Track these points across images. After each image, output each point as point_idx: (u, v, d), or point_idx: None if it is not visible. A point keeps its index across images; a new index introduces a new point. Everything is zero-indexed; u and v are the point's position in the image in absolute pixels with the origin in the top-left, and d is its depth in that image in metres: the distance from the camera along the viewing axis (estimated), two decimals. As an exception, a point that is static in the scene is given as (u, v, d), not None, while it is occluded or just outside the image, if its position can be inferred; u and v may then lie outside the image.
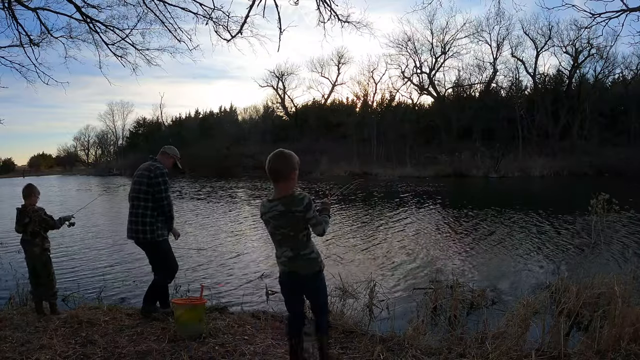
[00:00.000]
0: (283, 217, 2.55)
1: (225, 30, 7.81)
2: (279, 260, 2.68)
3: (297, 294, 2.73)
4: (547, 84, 41.31)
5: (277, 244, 2.66)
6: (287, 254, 2.61)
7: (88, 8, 8.09)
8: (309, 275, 2.62)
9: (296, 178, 2.62)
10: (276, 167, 2.55)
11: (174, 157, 4.37)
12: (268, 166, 2.57)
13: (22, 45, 8.34)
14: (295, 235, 2.57)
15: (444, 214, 14.11)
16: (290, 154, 2.59)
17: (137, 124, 64.97)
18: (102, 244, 10.04)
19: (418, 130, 41.49)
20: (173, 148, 4.44)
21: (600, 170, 31.12)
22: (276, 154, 2.58)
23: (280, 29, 7.48)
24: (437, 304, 5.10)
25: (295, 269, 2.61)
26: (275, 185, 2.59)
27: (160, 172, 4.08)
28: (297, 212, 2.52)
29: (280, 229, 2.59)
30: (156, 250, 4.08)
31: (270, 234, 2.68)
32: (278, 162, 2.56)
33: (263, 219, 2.68)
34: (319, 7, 7.37)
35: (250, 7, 7.19)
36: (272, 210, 2.59)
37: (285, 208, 2.54)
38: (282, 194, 2.57)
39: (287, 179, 2.56)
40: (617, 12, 7.19)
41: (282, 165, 2.56)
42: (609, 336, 3.32)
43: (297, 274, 2.62)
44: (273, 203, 2.59)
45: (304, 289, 2.70)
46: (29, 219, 4.09)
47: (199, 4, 7.66)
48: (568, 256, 7.96)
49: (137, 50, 8.65)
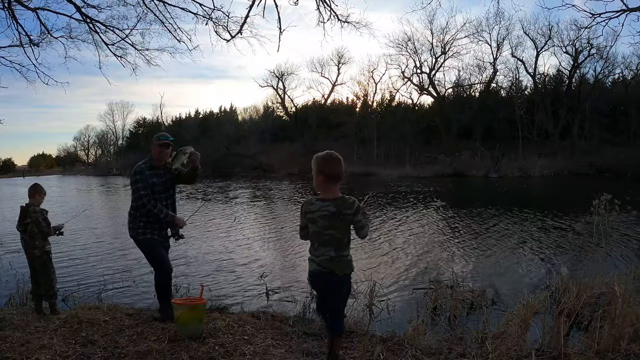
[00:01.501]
0: (334, 219, 2.63)
1: (225, 30, 7.80)
2: (317, 259, 2.72)
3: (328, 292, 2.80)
4: (547, 84, 41.31)
5: (320, 243, 2.70)
6: (329, 253, 2.68)
7: (88, 8, 8.08)
8: (344, 276, 2.74)
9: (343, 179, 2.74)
10: (338, 170, 2.66)
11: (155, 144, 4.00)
12: (328, 168, 2.65)
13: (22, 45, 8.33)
14: (341, 237, 2.68)
15: (443, 214, 14.11)
16: (341, 158, 2.71)
17: (137, 124, 65.07)
18: (102, 244, 10.05)
19: (418, 130, 41.46)
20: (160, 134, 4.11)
21: (600, 170, 31.12)
22: (335, 158, 2.68)
23: (280, 29, 7.48)
24: (437, 304, 5.10)
25: (333, 269, 2.69)
26: (329, 187, 2.67)
27: (136, 169, 3.92)
28: (347, 215, 2.63)
29: (328, 230, 2.66)
30: (140, 248, 4.00)
31: (315, 232, 2.70)
32: (339, 165, 2.67)
33: (308, 217, 2.71)
34: (318, 7, 7.36)
35: (250, 7, 7.19)
36: (323, 210, 2.65)
37: (336, 209, 2.63)
38: (334, 196, 2.66)
39: (340, 182, 2.69)
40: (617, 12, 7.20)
41: (341, 169, 2.67)
42: (609, 336, 3.32)
43: (334, 274, 2.70)
44: (325, 203, 2.66)
45: (336, 287, 2.76)
46: (30, 219, 4.09)
47: (198, 4, 7.65)
48: (568, 256, 7.96)
49: (137, 50, 8.63)
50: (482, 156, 35.76)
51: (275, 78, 49.57)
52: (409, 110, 45.53)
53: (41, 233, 4.10)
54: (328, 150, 2.73)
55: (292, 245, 9.61)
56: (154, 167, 3.98)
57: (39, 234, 4.09)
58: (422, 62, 43.33)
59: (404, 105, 46.91)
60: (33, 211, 4.10)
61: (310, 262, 2.77)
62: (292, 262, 7.96)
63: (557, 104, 38.03)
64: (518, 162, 34.71)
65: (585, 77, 38.82)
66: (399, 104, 47.16)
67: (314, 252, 2.75)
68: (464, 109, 40.07)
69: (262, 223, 13.37)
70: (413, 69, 43.62)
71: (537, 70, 40.09)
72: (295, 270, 7.33)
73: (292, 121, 51.08)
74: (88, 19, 8.15)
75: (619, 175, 28.44)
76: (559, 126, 37.89)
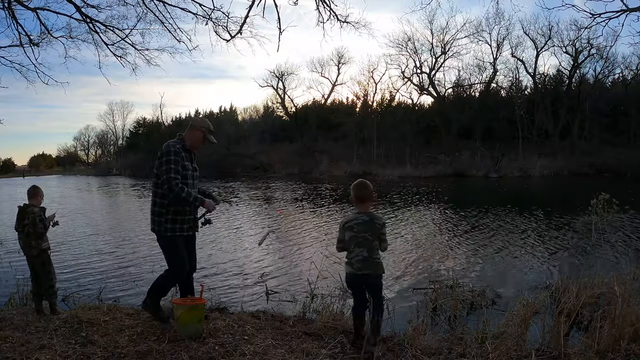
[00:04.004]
0: (367, 225, 3.30)
1: (225, 30, 7.80)
2: (353, 260, 3.29)
3: (362, 290, 3.39)
4: (547, 84, 41.30)
5: (356, 245, 3.29)
6: (363, 253, 3.27)
7: (88, 8, 8.08)
8: (376, 276, 3.34)
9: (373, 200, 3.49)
10: (366, 194, 3.40)
11: (202, 130, 3.71)
12: (357, 194, 3.39)
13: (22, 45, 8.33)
14: (372, 240, 3.29)
15: (443, 214, 14.12)
16: (369, 184, 3.45)
17: (137, 124, 65.00)
18: (102, 244, 10.05)
19: (418, 130, 41.44)
20: (201, 119, 3.83)
21: (600, 170, 31.12)
22: (363, 185, 3.42)
23: (280, 29, 7.47)
24: (437, 304, 5.10)
25: (367, 270, 3.27)
26: (361, 205, 3.38)
27: (166, 149, 3.52)
28: (377, 224, 3.33)
29: (362, 233, 3.29)
30: (160, 244, 3.70)
31: (352, 237, 3.30)
32: (366, 190, 3.40)
33: (347, 226, 3.34)
34: (318, 7, 7.36)
35: (250, 7, 7.19)
36: (359, 219, 3.34)
37: (369, 218, 3.34)
38: (367, 210, 3.38)
39: (370, 201, 3.42)
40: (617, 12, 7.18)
41: (367, 193, 3.42)
42: (609, 336, 3.32)
43: (368, 275, 3.29)
44: (360, 215, 3.36)
45: (369, 286, 3.34)
46: (28, 219, 4.08)
47: (198, 4, 7.65)
48: (568, 256, 7.96)
49: (137, 50, 8.63)
50: (482, 156, 35.76)
51: (275, 78, 49.59)
52: (409, 110, 45.51)
53: (36, 233, 4.09)
54: (360, 179, 3.49)
55: (293, 245, 9.61)
56: (188, 150, 3.65)
57: (33, 233, 4.09)
58: (422, 62, 43.40)
59: (404, 105, 46.93)
60: (31, 212, 4.10)
61: (347, 265, 3.35)
62: (292, 262, 7.96)
63: (557, 104, 38.03)
64: (518, 162, 34.71)
65: (585, 77, 38.85)
66: (399, 104, 47.18)
67: (349, 255, 3.33)
68: (464, 109, 40.06)
69: (262, 223, 13.37)
70: (413, 69, 43.69)
71: (537, 70, 40.16)
72: (296, 270, 7.33)
73: (292, 121, 51.06)
74: (88, 19, 8.15)
75: (619, 175, 28.44)
76: (559, 126, 37.89)
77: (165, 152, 3.51)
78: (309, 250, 8.88)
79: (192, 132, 3.70)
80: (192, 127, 3.72)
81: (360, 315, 3.40)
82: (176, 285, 3.96)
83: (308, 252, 8.73)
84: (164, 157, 3.51)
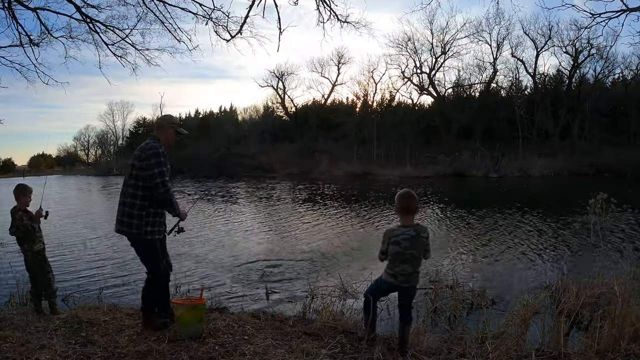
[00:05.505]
0: (414, 240, 3.24)
1: (225, 30, 7.81)
2: (397, 274, 3.27)
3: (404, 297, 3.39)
4: (547, 84, 41.29)
5: (401, 261, 3.26)
6: (408, 269, 3.26)
7: (88, 8, 8.08)
8: (414, 287, 3.38)
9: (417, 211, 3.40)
10: (412, 205, 3.33)
11: (172, 126, 3.71)
12: (403, 204, 3.30)
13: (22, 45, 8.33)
14: (418, 256, 3.29)
15: (443, 214, 14.12)
16: (415, 195, 3.38)
17: (137, 124, 64.92)
18: (102, 243, 10.04)
19: (418, 130, 41.45)
20: (168, 116, 3.80)
21: (600, 170, 31.11)
22: (409, 195, 3.33)
23: (280, 29, 7.47)
24: (437, 304, 5.10)
25: (409, 284, 3.32)
26: (407, 217, 3.31)
27: (154, 151, 3.45)
28: (423, 238, 3.28)
29: (410, 250, 3.24)
30: (139, 248, 3.61)
31: (398, 253, 3.25)
32: (413, 201, 3.33)
33: (393, 240, 3.27)
34: (318, 7, 7.36)
35: (250, 7, 7.18)
36: (405, 234, 3.25)
37: (416, 233, 3.25)
38: (412, 223, 3.30)
39: (415, 212, 3.34)
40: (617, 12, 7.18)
41: (414, 204, 3.34)
42: (609, 336, 3.32)
43: (409, 287, 3.33)
44: (407, 229, 3.27)
45: (406, 295, 3.37)
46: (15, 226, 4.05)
47: (198, 4, 7.66)
48: (568, 256, 7.96)
49: (137, 50, 8.63)
50: (482, 156, 35.75)
51: (275, 78, 49.59)
52: (409, 110, 45.51)
53: (26, 237, 4.05)
54: (405, 189, 3.42)
55: (293, 245, 9.61)
56: (165, 152, 3.59)
57: (24, 237, 4.07)
58: (422, 62, 43.38)
59: (404, 105, 46.94)
60: (19, 217, 4.05)
61: (389, 275, 3.33)
62: (292, 262, 7.95)
63: (557, 104, 38.02)
64: (518, 162, 34.70)
65: (585, 77, 38.84)
66: (399, 104, 47.19)
67: (393, 269, 3.30)
68: (464, 109, 40.05)
69: (262, 223, 13.37)
70: (413, 69, 43.67)
71: (537, 70, 40.14)
72: (295, 270, 7.33)
73: (292, 121, 51.06)
74: (88, 18, 8.16)
75: (619, 175, 28.43)
76: (559, 126, 37.89)
77: (154, 154, 3.45)
78: (309, 251, 8.87)
79: (163, 131, 3.69)
80: (161, 127, 3.71)
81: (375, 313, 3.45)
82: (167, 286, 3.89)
83: (308, 252, 8.72)
84: (153, 158, 3.44)
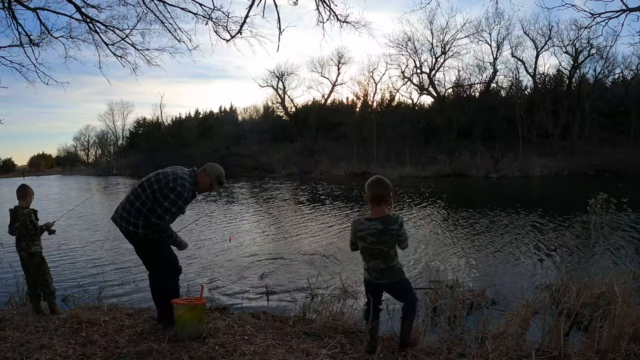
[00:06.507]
0: (381, 235, 2.98)
1: (225, 30, 7.81)
2: (370, 269, 3.11)
3: (381, 295, 3.22)
4: (547, 84, 41.26)
5: (370, 257, 3.07)
6: (379, 265, 3.06)
7: (88, 8, 8.09)
8: (395, 282, 3.13)
9: (391, 201, 3.08)
10: (380, 192, 2.99)
11: (215, 179, 3.66)
12: (371, 192, 2.99)
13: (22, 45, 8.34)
14: (388, 250, 3.03)
15: (443, 214, 14.11)
16: (387, 182, 3.05)
17: (137, 124, 64.89)
18: (102, 244, 10.04)
19: (418, 130, 41.43)
20: (218, 168, 3.74)
21: (600, 170, 31.10)
22: (378, 182, 3.02)
23: (280, 29, 7.48)
24: (437, 304, 5.10)
25: (385, 280, 3.10)
26: (375, 207, 3.01)
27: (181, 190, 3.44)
28: (392, 230, 2.98)
29: (377, 245, 3.01)
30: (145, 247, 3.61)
31: (364, 248, 3.06)
32: (381, 188, 3.00)
33: (358, 235, 3.06)
34: (318, 7, 7.37)
35: (250, 7, 7.19)
36: (371, 228, 3.00)
37: (383, 227, 2.97)
38: (380, 214, 3.00)
39: (386, 202, 3.02)
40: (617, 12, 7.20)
41: (384, 191, 3.00)
42: (609, 336, 3.32)
43: (387, 283, 3.12)
44: (372, 222, 3.00)
45: (392, 292, 3.21)
46: (19, 222, 4.06)
47: (198, 4, 7.66)
48: (568, 256, 7.96)
49: (137, 50, 8.64)
50: (482, 156, 35.73)
51: (275, 78, 49.50)
52: (409, 110, 45.50)
53: (28, 235, 4.06)
54: (376, 175, 3.12)
55: (293, 245, 9.61)
56: (194, 195, 3.65)
57: (25, 235, 4.07)
58: (422, 62, 43.34)
59: (404, 105, 46.93)
60: (22, 214, 4.06)
61: (365, 271, 3.19)
62: (292, 262, 7.96)
63: (557, 104, 38.00)
64: (518, 162, 34.67)
65: (585, 77, 38.81)
66: (399, 104, 47.18)
67: (365, 265, 3.15)
68: (464, 109, 40.04)
69: (262, 223, 13.37)
70: (413, 69, 43.64)
71: (537, 70, 40.09)
72: (296, 270, 7.33)
73: (292, 121, 51.03)
74: (88, 19, 8.16)
75: (619, 175, 28.41)
76: (559, 126, 37.87)
77: (179, 194, 3.45)
78: (309, 251, 8.87)
79: (206, 176, 3.67)
80: (206, 171, 3.69)
81: (377, 317, 3.22)
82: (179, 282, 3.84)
83: (308, 252, 8.72)
84: (175, 195, 3.44)
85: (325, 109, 50.05)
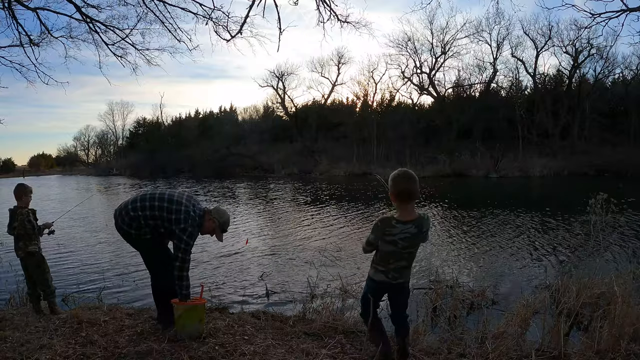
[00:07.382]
0: (415, 238, 2.73)
1: (225, 30, 7.81)
2: (389, 270, 2.80)
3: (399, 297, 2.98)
4: (547, 84, 41.27)
5: (396, 259, 2.77)
6: (402, 264, 2.79)
7: (88, 8, 8.08)
8: (406, 283, 2.93)
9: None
10: (413, 188, 2.61)
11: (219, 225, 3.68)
12: (402, 187, 2.61)
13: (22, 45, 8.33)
14: (415, 251, 2.83)
15: (443, 214, 14.11)
16: (415, 175, 2.66)
17: (137, 124, 64.89)
18: (102, 243, 10.04)
19: (418, 130, 41.43)
20: (225, 214, 3.77)
21: (600, 170, 31.10)
22: (409, 176, 2.63)
23: (280, 29, 7.47)
24: (437, 304, 5.10)
25: (401, 279, 2.84)
26: (406, 206, 2.65)
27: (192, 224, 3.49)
28: (425, 232, 2.75)
29: (408, 249, 2.74)
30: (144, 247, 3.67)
31: (393, 252, 2.75)
32: (414, 184, 2.61)
33: (388, 239, 2.71)
34: (318, 7, 7.36)
35: (250, 7, 7.18)
36: (405, 232, 2.68)
37: (417, 230, 2.70)
38: (414, 216, 2.68)
39: (417, 199, 2.68)
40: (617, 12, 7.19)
41: (414, 186, 2.62)
42: (609, 336, 3.32)
43: (401, 284, 2.86)
44: (407, 225, 2.66)
45: (399, 293, 2.93)
46: (17, 222, 4.06)
47: (199, 4, 7.65)
48: (568, 256, 7.96)
49: (137, 50, 8.63)
50: (482, 156, 35.74)
51: (275, 78, 49.49)
52: (409, 110, 45.51)
53: (26, 234, 4.06)
54: (402, 168, 2.72)
55: (293, 245, 9.61)
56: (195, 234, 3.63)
57: (24, 235, 4.07)
58: (422, 62, 43.32)
59: (404, 105, 46.93)
60: (20, 214, 4.06)
61: (378, 272, 2.84)
62: (292, 262, 7.96)
63: (557, 104, 38.01)
64: (518, 162, 34.67)
65: (585, 77, 38.82)
66: (399, 104, 47.18)
67: (384, 265, 2.81)
68: (464, 109, 40.04)
69: (262, 223, 13.37)
70: (413, 69, 43.62)
71: (537, 70, 40.09)
72: (295, 270, 7.33)
73: (292, 121, 51.03)
74: (88, 18, 8.16)
75: (619, 175, 28.42)
76: (559, 126, 37.87)
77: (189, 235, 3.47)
78: (309, 251, 8.87)
79: (210, 221, 3.68)
80: (212, 215, 3.71)
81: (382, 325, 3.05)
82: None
83: (308, 252, 8.72)
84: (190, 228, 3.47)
85: (325, 109, 50.05)
